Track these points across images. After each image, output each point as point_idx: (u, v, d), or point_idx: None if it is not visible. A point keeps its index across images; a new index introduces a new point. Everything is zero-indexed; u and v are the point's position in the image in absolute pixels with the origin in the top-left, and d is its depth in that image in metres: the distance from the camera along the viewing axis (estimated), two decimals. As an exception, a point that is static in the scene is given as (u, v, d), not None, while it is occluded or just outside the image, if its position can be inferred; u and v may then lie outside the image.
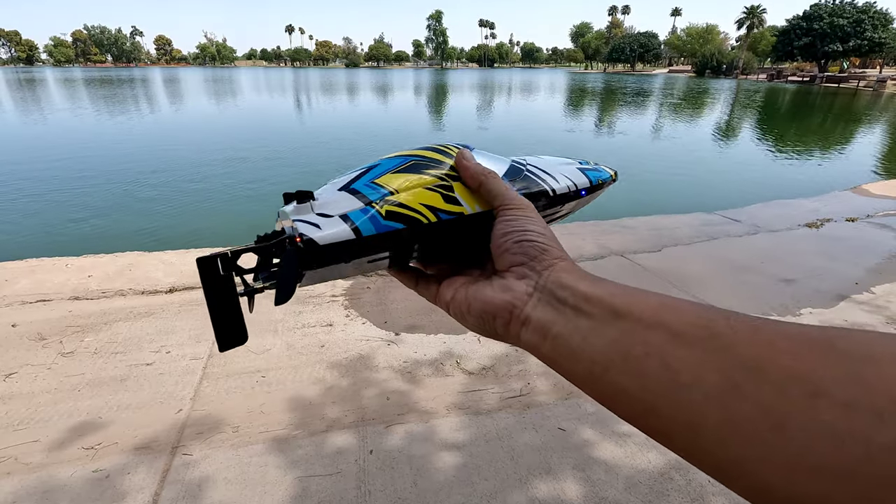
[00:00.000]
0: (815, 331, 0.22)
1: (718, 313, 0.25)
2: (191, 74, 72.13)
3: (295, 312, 2.84)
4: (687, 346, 0.24)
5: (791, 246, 4.08)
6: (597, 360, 0.28)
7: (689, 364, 0.24)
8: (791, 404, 0.20)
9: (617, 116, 19.28)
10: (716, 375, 0.23)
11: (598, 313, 0.29)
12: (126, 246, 4.05)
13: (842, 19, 51.27)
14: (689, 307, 0.26)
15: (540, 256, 0.34)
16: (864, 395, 0.19)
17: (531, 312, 0.32)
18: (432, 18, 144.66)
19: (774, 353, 0.22)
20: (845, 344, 0.21)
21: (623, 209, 5.41)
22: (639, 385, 0.25)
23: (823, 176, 8.44)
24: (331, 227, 0.36)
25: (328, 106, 23.31)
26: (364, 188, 0.38)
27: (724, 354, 0.23)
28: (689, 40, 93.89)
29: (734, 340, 0.23)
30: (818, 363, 0.20)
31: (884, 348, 0.20)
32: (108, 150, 10.23)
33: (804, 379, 0.20)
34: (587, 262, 3.66)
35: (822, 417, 0.19)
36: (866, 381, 0.19)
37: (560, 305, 0.31)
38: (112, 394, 2.12)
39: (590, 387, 0.29)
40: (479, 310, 0.35)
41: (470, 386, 2.22)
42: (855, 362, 0.20)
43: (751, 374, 0.22)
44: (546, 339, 0.31)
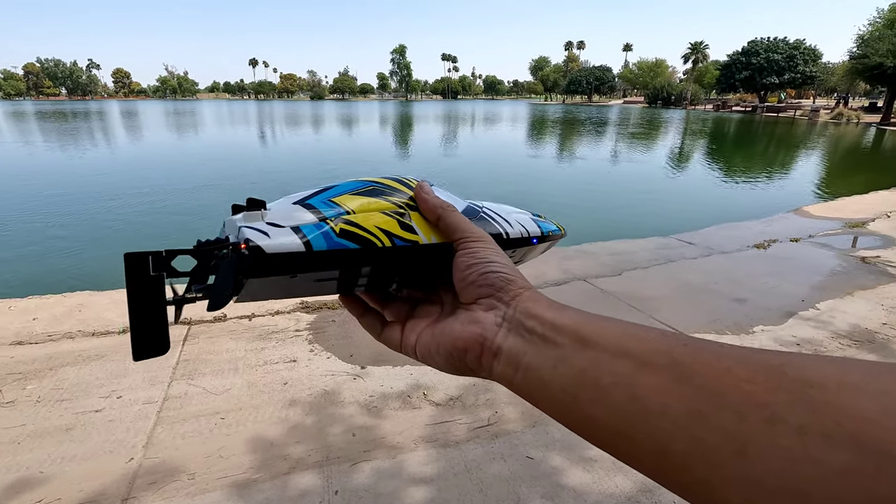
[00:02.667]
0: (768, 356, 0.24)
1: (678, 340, 0.27)
2: (148, 107, 70.79)
3: (257, 349, 2.76)
4: (652, 374, 0.25)
5: (742, 266, 4.28)
6: (567, 389, 0.28)
7: (655, 392, 0.25)
8: (751, 429, 0.21)
9: (577, 144, 20.03)
10: (681, 403, 0.24)
11: (566, 342, 0.29)
12: (77, 285, 3.87)
13: (776, 54, 55.52)
14: (651, 335, 0.28)
15: (506, 287, 0.34)
16: (815, 420, 0.20)
17: (502, 343, 0.32)
18: (396, 52, 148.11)
19: (734, 381, 0.23)
20: (795, 371, 0.22)
21: (584, 235, 5.57)
22: (608, 413, 0.26)
23: (768, 199, 8.97)
24: (280, 237, 0.34)
25: (290, 137, 23.26)
26: (320, 204, 0.37)
27: (687, 383, 0.24)
28: (640, 73, 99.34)
29: (696, 368, 0.24)
30: (773, 389, 0.22)
31: (829, 374, 0.21)
32: (55, 184, 9.83)
33: (761, 405, 0.21)
34: (551, 288, 3.73)
35: (779, 442, 0.20)
36: (816, 407, 0.20)
37: (529, 335, 0.31)
38: (56, 445, 1.98)
39: (561, 416, 0.29)
40: (448, 346, 0.35)
41: (438, 417, 2.20)
42: (806, 388, 0.21)
43: (713, 402, 0.23)
44: (518, 370, 0.31)
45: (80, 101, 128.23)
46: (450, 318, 0.37)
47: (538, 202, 8.58)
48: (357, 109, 65.25)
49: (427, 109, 65.70)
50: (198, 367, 2.57)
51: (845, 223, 5.80)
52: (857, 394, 0.20)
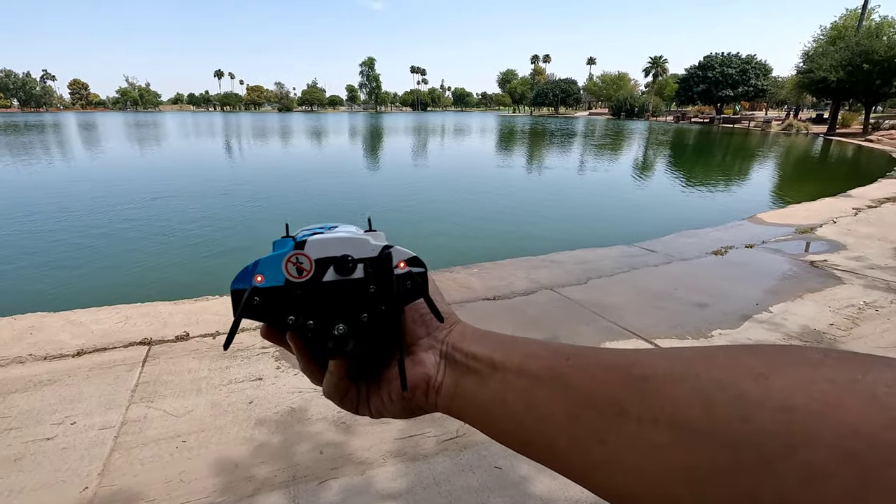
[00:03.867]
0: (623, 358, 0.28)
1: (562, 355, 0.31)
2: (106, 119, 68.41)
3: (221, 368, 2.69)
4: (542, 387, 0.30)
5: (701, 272, 4.45)
6: (486, 408, 0.33)
7: (543, 402, 0.30)
8: (607, 423, 0.26)
9: (545, 155, 20.44)
10: (561, 408, 0.29)
11: (482, 369, 0.34)
12: (27, 306, 3.68)
13: (730, 69, 58.26)
14: (546, 353, 0.32)
15: (440, 326, 0.38)
16: (647, 409, 0.24)
17: (441, 379, 0.37)
18: (365, 65, 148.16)
19: (595, 385, 0.28)
20: (638, 369, 0.27)
21: (552, 244, 5.68)
22: (514, 424, 0.31)
23: (725, 207, 9.36)
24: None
25: (258, 151, 22.90)
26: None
27: (565, 391, 0.29)
28: (604, 86, 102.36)
29: (571, 378, 0.29)
30: (620, 386, 0.26)
31: (660, 367, 0.26)
32: (18, 199, 9.37)
33: (613, 401, 0.26)
34: (520, 298, 3.78)
35: (625, 430, 0.25)
36: (648, 397, 0.25)
37: (458, 366, 0.36)
38: (4, 477, 1.88)
39: (487, 431, 0.34)
40: (398, 393, 0.38)
41: (407, 431, 2.19)
42: (641, 382, 0.26)
43: (581, 404, 0.28)
44: (455, 399, 0.36)
45: (34, 112, 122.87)
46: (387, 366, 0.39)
47: (509, 212, 8.70)
48: (326, 121, 64.82)
49: (397, 121, 65.87)
50: (158, 388, 2.49)
51: (796, 229, 6.10)
52: (675, 382, 0.24)
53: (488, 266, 4.54)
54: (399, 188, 11.71)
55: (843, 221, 6.52)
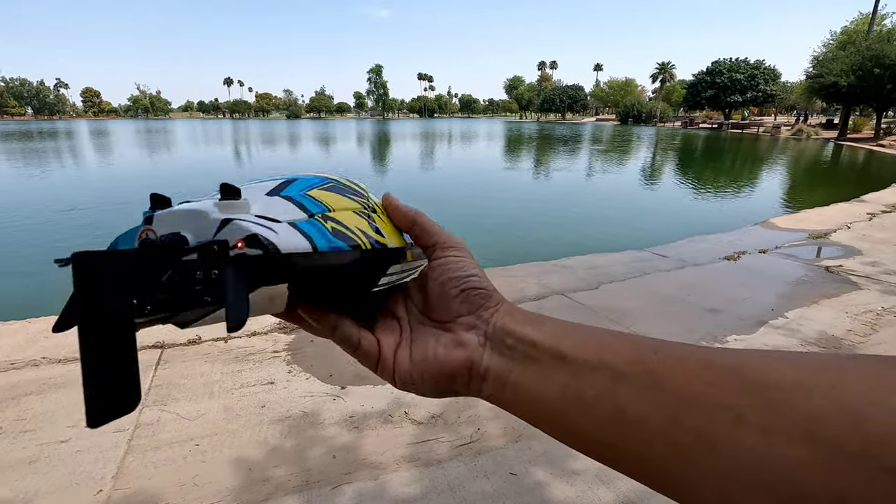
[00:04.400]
0: (729, 359, 0.25)
1: (648, 348, 0.28)
2: (118, 126, 69.40)
3: (233, 372, 2.69)
4: (628, 384, 0.27)
5: (714, 278, 4.40)
6: (554, 404, 0.29)
7: (632, 401, 0.26)
8: (719, 430, 0.23)
9: (554, 161, 20.43)
10: (656, 411, 0.25)
11: (546, 359, 0.30)
12: (41, 311, 3.71)
13: (739, 74, 58.03)
14: (623, 345, 0.29)
15: (485, 303, 0.34)
16: (775, 420, 0.22)
17: (489, 363, 0.32)
18: (373, 72, 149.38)
19: (699, 384, 0.25)
20: (753, 373, 0.24)
21: (563, 249, 5.65)
22: (594, 426, 0.28)
23: (736, 212, 9.29)
24: (289, 235, 0.27)
25: (269, 155, 23.09)
26: (299, 198, 0.32)
27: (659, 391, 0.26)
28: (611, 92, 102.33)
29: (666, 376, 0.26)
30: (736, 392, 0.24)
31: (785, 374, 0.23)
32: (23, 204, 9.50)
33: (725, 405, 0.23)
34: (531, 303, 3.76)
35: (745, 441, 0.22)
36: (775, 407, 0.22)
37: (510, 352, 0.32)
38: (19, 479, 1.89)
39: (551, 429, 0.31)
40: (435, 373, 0.34)
41: (420, 436, 2.17)
42: (764, 389, 0.23)
43: (685, 407, 0.25)
44: (506, 389, 0.32)
45: (47, 120, 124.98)
46: (427, 338, 0.35)
47: (518, 217, 8.69)
48: (334, 128, 65.28)
49: (404, 128, 66.20)
50: (171, 392, 2.49)
51: (809, 234, 6.03)
52: (808, 392, 0.22)
53: (498, 271, 4.52)
54: (405, 192, 11.74)
55: (857, 226, 6.43)
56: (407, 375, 0.34)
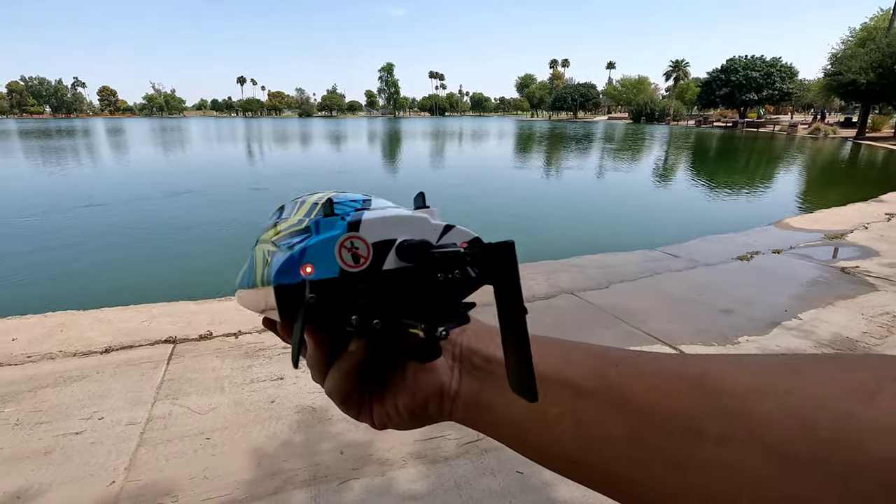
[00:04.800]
0: (691, 366, 0.25)
1: (610, 361, 0.28)
2: (133, 125, 70.38)
3: (243, 367, 2.72)
4: (590, 400, 0.27)
5: (726, 278, 4.35)
6: (519, 423, 0.29)
7: (595, 418, 0.26)
8: (678, 444, 0.22)
9: (565, 159, 20.31)
10: (619, 427, 0.25)
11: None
12: (58, 304, 3.79)
13: (754, 72, 57.19)
14: (586, 359, 0.29)
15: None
16: (730, 428, 0.21)
17: (457, 386, 0.32)
18: (384, 70, 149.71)
19: (659, 397, 0.24)
20: (712, 380, 0.23)
21: (572, 248, 5.62)
22: (558, 442, 0.28)
23: (750, 211, 9.16)
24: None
25: (283, 154, 23.25)
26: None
27: (620, 405, 0.25)
28: (624, 90, 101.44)
29: (626, 389, 0.26)
30: (692, 401, 0.23)
31: (740, 380, 0.22)
32: (38, 199, 9.68)
33: (683, 417, 0.23)
34: (540, 302, 3.74)
35: (704, 453, 0.22)
36: (729, 415, 0.21)
37: (478, 372, 0.32)
38: (34, 469, 1.93)
39: (518, 447, 0.30)
40: (408, 403, 0.33)
41: (427, 433, 2.18)
42: (720, 397, 0.22)
43: (644, 421, 0.24)
44: (477, 409, 0.31)
45: (65, 119, 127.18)
46: (398, 370, 0.34)
47: (527, 215, 8.66)
48: (346, 126, 65.56)
49: (415, 126, 66.26)
50: (182, 386, 2.52)
51: (825, 235, 5.93)
52: (762, 397, 0.21)
53: (508, 269, 4.50)
54: (411, 188, 11.72)
55: (875, 227, 6.31)
56: (382, 411, 0.34)
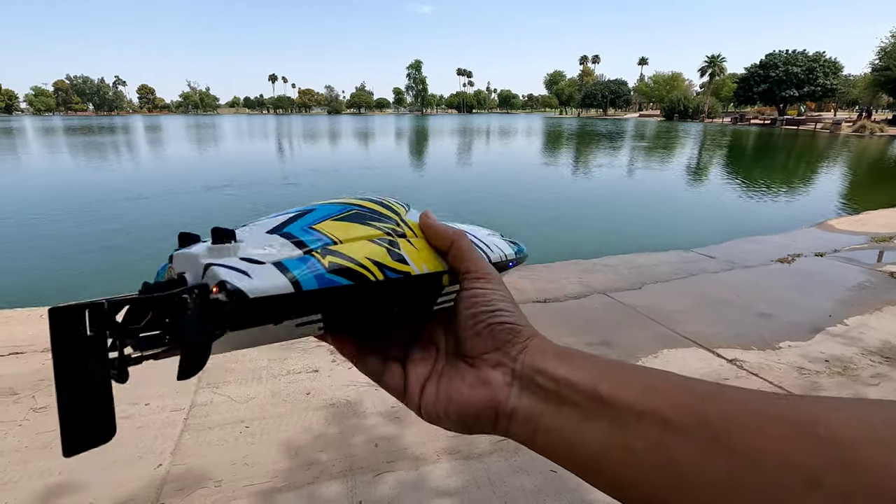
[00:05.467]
0: (796, 410, 0.23)
1: (700, 393, 0.26)
2: (170, 121, 72.78)
3: (280, 359, 2.79)
4: (682, 435, 0.24)
5: (765, 281, 4.21)
6: (594, 451, 0.27)
7: (688, 456, 0.24)
8: (793, 495, 0.21)
9: (595, 157, 20.00)
10: (717, 469, 0.23)
11: (584, 402, 0.28)
12: (108, 292, 3.96)
13: (796, 67, 54.99)
14: (673, 389, 0.26)
15: (513, 340, 0.32)
16: (856, 485, 0.20)
17: (516, 404, 0.30)
18: (412, 68, 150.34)
19: (767, 442, 0.22)
20: (827, 430, 0.21)
21: (604, 248, 5.54)
22: (642, 478, 0.25)
23: (791, 212, 8.84)
24: (265, 278, 0.28)
25: (314, 151, 23.65)
26: (300, 233, 0.32)
27: (719, 446, 0.23)
28: (656, 87, 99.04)
29: (725, 427, 0.24)
30: (808, 450, 0.21)
31: (859, 431, 0.21)
32: (95, 190, 10.14)
33: (799, 468, 0.21)
34: (571, 301, 3.71)
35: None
36: (854, 470, 0.20)
37: (542, 392, 0.30)
38: (92, 451, 2.03)
39: (590, 477, 0.28)
40: (459, 412, 0.32)
41: (460, 430, 2.19)
42: (839, 448, 0.21)
43: (749, 467, 0.22)
44: (538, 433, 0.29)
45: (106, 116, 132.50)
46: (454, 374, 0.34)
47: (557, 213, 8.58)
48: (373, 123, 66.18)
49: (443, 123, 66.34)
50: (222, 375, 2.61)
51: (871, 237, 5.67)
52: (885, 451, 0.20)
53: (538, 268, 4.49)
54: (442, 185, 11.78)
55: (927, 230, 6.00)
56: (433, 411, 0.34)
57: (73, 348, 0.25)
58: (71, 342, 0.25)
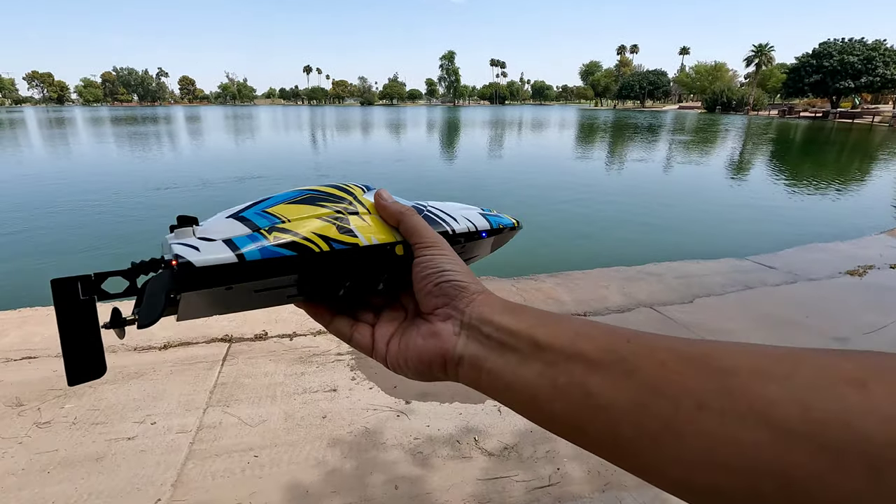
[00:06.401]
0: (697, 348, 0.25)
1: (622, 337, 0.28)
2: (210, 112, 74.61)
3: (296, 374, 2.59)
4: (600, 371, 0.27)
5: (835, 297, 3.76)
6: (528, 390, 0.30)
7: (604, 388, 0.27)
8: (684, 416, 0.23)
9: (632, 151, 19.21)
10: (626, 396, 0.26)
11: (523, 347, 0.31)
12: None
13: (852, 56, 51.62)
14: (599, 333, 0.29)
15: (460, 294, 0.35)
16: (733, 404, 0.22)
17: (462, 351, 0.34)
18: (445, 59, 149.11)
19: (667, 373, 0.25)
20: (717, 361, 0.24)
21: (647, 254, 5.14)
22: (566, 410, 0.28)
23: (855, 217, 8.08)
24: (211, 251, 0.34)
25: (344, 142, 23.68)
26: (254, 216, 0.37)
27: (630, 378, 0.26)
28: (698, 77, 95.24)
29: (636, 364, 0.26)
30: (700, 379, 0.24)
31: (744, 361, 0.23)
32: (114, 183, 10.30)
33: (690, 394, 0.24)
34: (614, 315, 3.38)
35: (706, 425, 0.23)
36: (733, 393, 0.23)
37: (486, 340, 0.33)
38: (84, 476, 1.87)
39: (526, 413, 0.31)
40: (415, 360, 0.36)
41: (491, 471, 1.93)
42: (725, 376, 0.23)
43: (652, 394, 0.25)
44: (481, 374, 0.32)
45: (150, 106, 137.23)
46: (412, 328, 0.38)
47: (595, 214, 8.14)
48: (404, 115, 66.03)
49: (474, 115, 65.54)
50: (235, 392, 2.43)
51: (954, 247, 5.07)
52: (765, 379, 0.22)
53: (576, 276, 4.15)
54: (468, 179, 11.44)
55: None
56: (394, 361, 0.38)
57: (70, 309, 0.33)
58: (68, 305, 0.33)
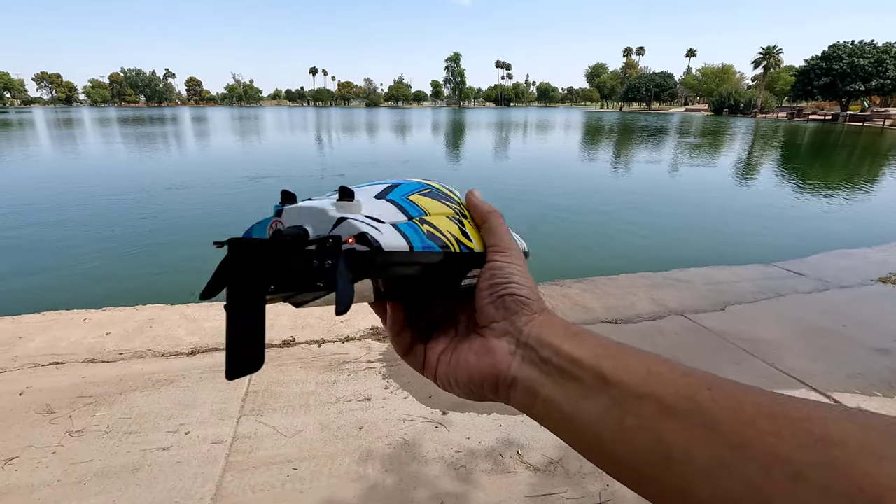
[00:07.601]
0: (791, 409, 0.23)
1: (701, 383, 0.26)
2: (216, 113, 74.93)
3: (328, 382, 2.54)
4: (676, 419, 0.25)
5: (871, 305, 3.67)
6: (591, 427, 0.28)
7: (679, 438, 0.24)
8: (775, 485, 0.21)
9: (648, 154, 19.09)
10: (705, 452, 0.24)
11: (586, 378, 0.28)
12: (149, 297, 3.84)
13: (862, 59, 51.25)
14: (674, 376, 0.27)
15: (521, 311, 0.33)
16: (838, 482, 0.20)
17: (517, 373, 0.31)
18: (451, 60, 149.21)
19: (758, 433, 0.23)
20: (818, 428, 0.22)
21: (673, 259, 5.06)
22: (633, 455, 0.26)
23: (881, 221, 7.93)
24: (391, 236, 0.31)
25: (354, 143, 23.69)
26: (402, 202, 0.35)
27: (711, 431, 0.24)
28: (704, 80, 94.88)
29: (719, 417, 0.24)
30: (796, 446, 0.22)
31: (851, 434, 0.21)
32: (143, 189, 10.30)
33: (786, 461, 0.22)
34: (644, 323, 3.31)
35: (803, 499, 0.21)
36: (838, 468, 0.20)
37: (544, 365, 0.30)
38: (122, 489, 1.82)
39: (584, 450, 0.29)
40: (465, 379, 0.34)
41: (537, 487, 1.87)
42: (829, 447, 0.21)
43: (737, 454, 0.23)
44: (536, 401, 0.30)
45: (157, 107, 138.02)
46: (464, 344, 0.35)
47: (617, 219, 8.06)
48: (410, 116, 66.04)
49: (479, 117, 65.47)
50: (267, 400, 2.38)
51: (985, 254, 4.96)
52: (877, 459, 0.20)
53: (602, 281, 4.08)
54: (484, 180, 11.37)
55: None
56: (444, 378, 0.35)
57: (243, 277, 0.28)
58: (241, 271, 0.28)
